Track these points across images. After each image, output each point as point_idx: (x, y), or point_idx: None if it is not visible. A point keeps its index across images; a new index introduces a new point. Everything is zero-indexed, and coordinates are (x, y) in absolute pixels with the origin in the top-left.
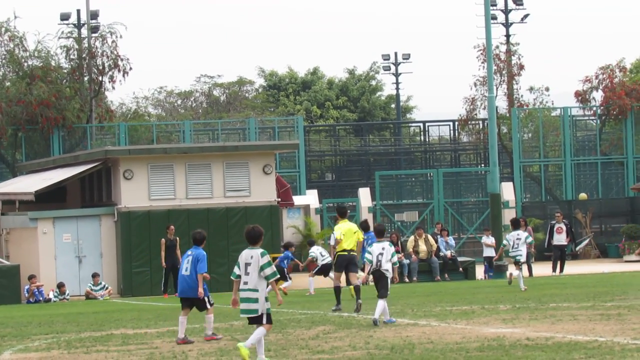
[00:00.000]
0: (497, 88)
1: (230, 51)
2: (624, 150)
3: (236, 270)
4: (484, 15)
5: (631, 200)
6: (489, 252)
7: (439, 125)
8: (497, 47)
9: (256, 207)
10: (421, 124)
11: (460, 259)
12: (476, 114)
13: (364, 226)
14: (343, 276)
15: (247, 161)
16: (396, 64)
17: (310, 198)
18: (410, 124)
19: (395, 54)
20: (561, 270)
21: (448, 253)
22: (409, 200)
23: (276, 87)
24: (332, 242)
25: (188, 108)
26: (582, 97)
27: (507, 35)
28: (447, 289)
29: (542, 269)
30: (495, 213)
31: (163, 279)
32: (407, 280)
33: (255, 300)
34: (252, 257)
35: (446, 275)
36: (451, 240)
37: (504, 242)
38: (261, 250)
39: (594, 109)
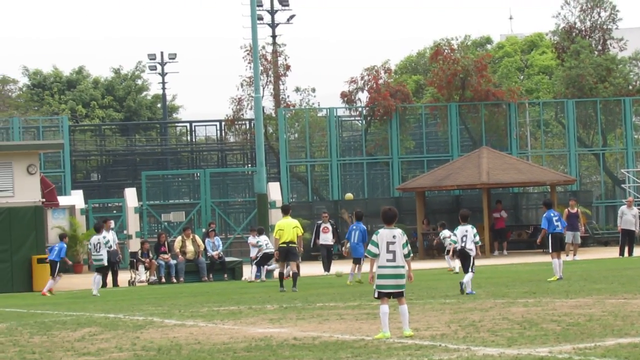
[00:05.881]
0: (263, 88)
1: None
2: (389, 151)
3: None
4: (250, 16)
5: (396, 200)
6: (255, 252)
7: (205, 125)
8: (264, 47)
9: (20, 208)
10: (188, 124)
11: (227, 259)
12: (243, 114)
13: (357, 215)
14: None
15: (11, 161)
16: (162, 64)
17: (75, 198)
18: (176, 124)
19: (162, 53)
20: (328, 269)
21: (215, 253)
22: (175, 200)
23: (41, 86)
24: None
25: None
26: (348, 98)
27: (274, 36)
28: (215, 290)
29: (311, 269)
30: (262, 213)
31: None
32: (174, 280)
33: None
34: None
35: (211, 276)
36: (217, 240)
37: (453, 237)
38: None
39: (360, 109)
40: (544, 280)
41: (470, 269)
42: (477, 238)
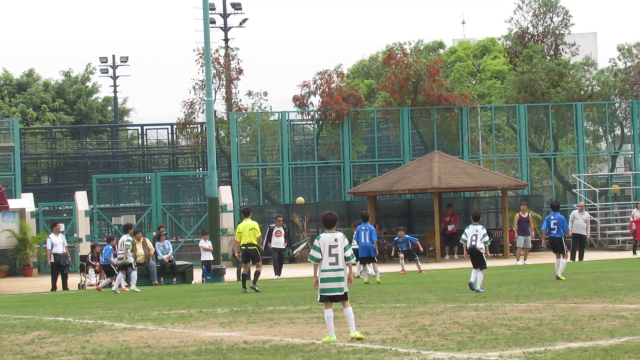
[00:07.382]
0: (215, 92)
1: None
2: (341, 155)
3: None
4: (202, 19)
5: (348, 204)
6: (206, 256)
7: (157, 129)
8: (217, 51)
9: None
10: (139, 127)
11: (177, 262)
12: (195, 118)
13: (363, 216)
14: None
15: None
16: (114, 67)
17: (25, 201)
18: (127, 127)
19: (113, 56)
20: (279, 272)
21: (165, 257)
22: (126, 203)
23: None
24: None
25: None
26: (300, 102)
27: (226, 39)
28: (165, 293)
29: (262, 272)
30: (213, 217)
31: None
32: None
33: None
34: None
35: (161, 279)
36: (168, 244)
37: (463, 237)
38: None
39: (312, 113)
40: (494, 285)
41: (481, 267)
42: (487, 238)
